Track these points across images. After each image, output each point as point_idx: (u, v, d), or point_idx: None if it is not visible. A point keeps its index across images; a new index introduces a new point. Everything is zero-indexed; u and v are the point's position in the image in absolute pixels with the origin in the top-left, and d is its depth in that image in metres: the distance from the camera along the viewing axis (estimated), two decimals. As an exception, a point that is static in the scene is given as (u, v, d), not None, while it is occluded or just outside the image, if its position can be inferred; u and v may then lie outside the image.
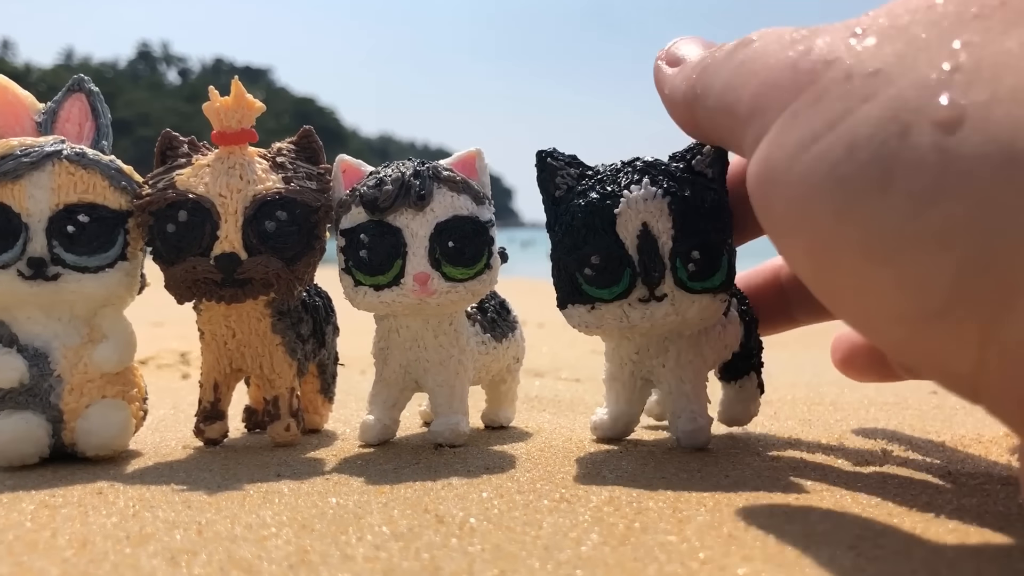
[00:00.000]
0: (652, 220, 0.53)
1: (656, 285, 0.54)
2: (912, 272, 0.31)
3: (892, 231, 0.32)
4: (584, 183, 0.56)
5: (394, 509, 0.45)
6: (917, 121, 0.31)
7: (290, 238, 0.59)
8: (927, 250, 0.31)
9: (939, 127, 0.31)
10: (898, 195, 0.31)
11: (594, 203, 0.54)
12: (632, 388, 0.62)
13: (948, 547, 0.37)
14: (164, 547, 0.39)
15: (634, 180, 0.54)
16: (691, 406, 0.59)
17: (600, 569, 0.35)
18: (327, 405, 0.72)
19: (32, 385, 0.57)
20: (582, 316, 0.57)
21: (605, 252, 0.54)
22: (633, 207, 0.53)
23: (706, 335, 0.60)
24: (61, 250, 0.57)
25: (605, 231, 0.54)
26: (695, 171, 0.55)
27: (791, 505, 0.45)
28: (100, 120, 0.63)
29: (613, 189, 0.54)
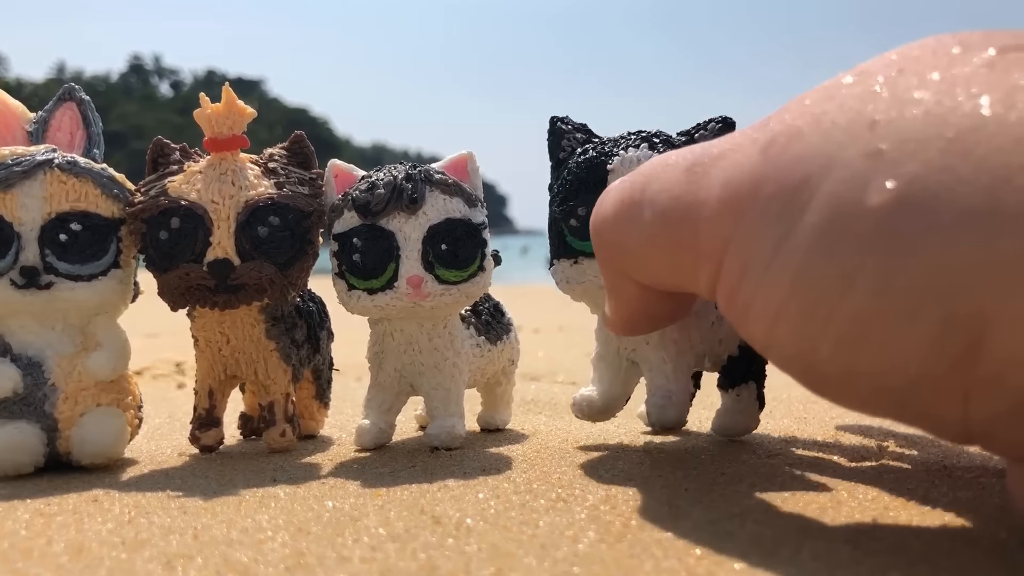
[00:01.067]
0: None
1: None
2: (888, 350, 0.31)
3: (861, 321, 0.32)
4: (587, 146, 0.58)
5: (390, 511, 0.45)
6: (857, 214, 0.31)
7: (283, 243, 0.59)
8: (896, 330, 0.31)
9: (879, 212, 0.31)
10: (858, 284, 0.31)
11: (590, 159, 0.56)
12: (617, 368, 0.60)
13: (944, 539, 0.38)
14: (160, 552, 0.39)
15: (633, 144, 0.56)
16: (667, 384, 0.57)
17: (597, 566, 0.35)
18: (323, 411, 0.72)
19: (26, 394, 0.57)
20: (565, 271, 0.57)
21: (592, 205, 0.53)
22: (626, 164, 0.54)
23: (697, 319, 0.59)
24: (54, 259, 0.57)
25: (596, 186, 0.54)
26: (691, 137, 0.56)
27: (787, 501, 0.45)
28: (91, 129, 0.63)
29: (611, 149, 0.56)
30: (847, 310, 0.32)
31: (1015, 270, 0.28)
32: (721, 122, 0.56)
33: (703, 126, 0.57)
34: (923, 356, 0.31)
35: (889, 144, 0.32)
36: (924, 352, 0.31)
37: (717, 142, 0.40)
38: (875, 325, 0.31)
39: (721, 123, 0.56)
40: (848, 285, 0.32)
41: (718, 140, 0.40)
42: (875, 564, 0.34)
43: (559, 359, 1.37)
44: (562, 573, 0.34)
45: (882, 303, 0.31)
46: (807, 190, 0.33)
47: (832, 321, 0.32)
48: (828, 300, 0.32)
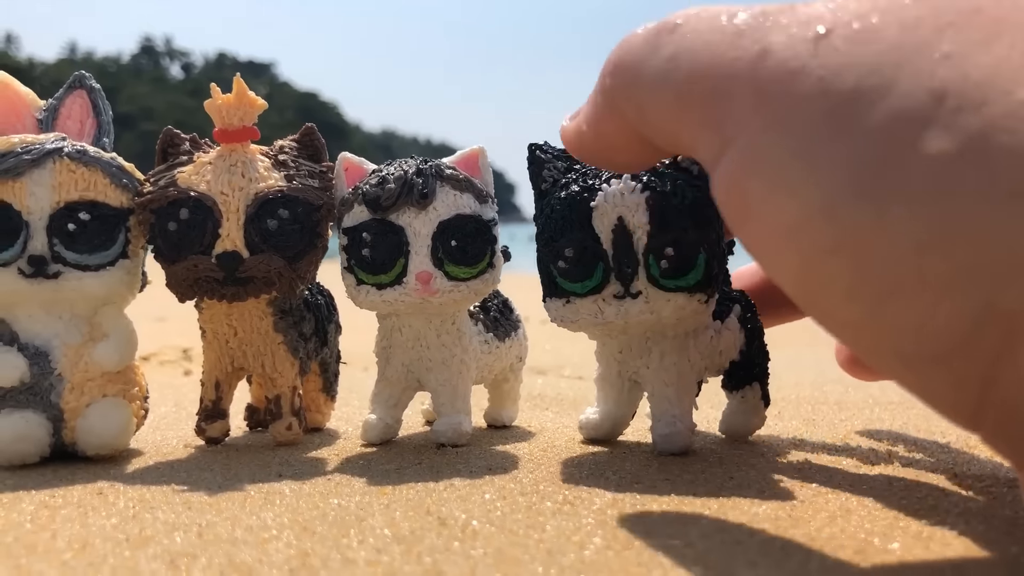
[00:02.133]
0: (628, 215, 0.52)
1: (629, 281, 0.53)
2: (907, 317, 0.29)
3: (888, 272, 0.29)
4: (568, 176, 0.56)
5: (396, 511, 0.44)
6: (907, 155, 0.28)
7: (292, 236, 0.59)
8: (925, 296, 0.28)
9: (933, 163, 0.27)
10: (894, 233, 0.28)
11: (573, 196, 0.54)
12: (620, 389, 0.61)
13: (954, 550, 0.37)
14: (164, 550, 0.38)
15: (615, 174, 0.53)
16: (672, 410, 0.57)
17: (604, 573, 0.35)
18: (329, 404, 0.72)
19: (32, 384, 0.57)
20: (558, 310, 0.56)
21: (579, 245, 0.53)
22: (610, 201, 0.52)
23: (695, 338, 0.58)
24: (62, 248, 0.57)
25: (581, 224, 0.53)
26: (680, 167, 0.54)
27: (796, 508, 0.44)
28: (101, 117, 0.62)
29: (594, 183, 0.54)
30: (870, 249, 0.29)
31: None
32: None
33: None
34: (948, 338, 0.28)
35: (955, 85, 0.28)
36: (950, 335, 0.28)
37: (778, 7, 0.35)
38: (905, 285, 0.29)
39: None
40: (880, 232, 0.29)
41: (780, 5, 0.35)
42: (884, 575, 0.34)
43: (566, 352, 1.36)
44: (568, 581, 0.34)
45: (916, 265, 0.28)
46: (855, 106, 0.30)
47: (852, 256, 0.30)
48: (855, 239, 0.29)
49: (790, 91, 0.32)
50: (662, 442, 0.57)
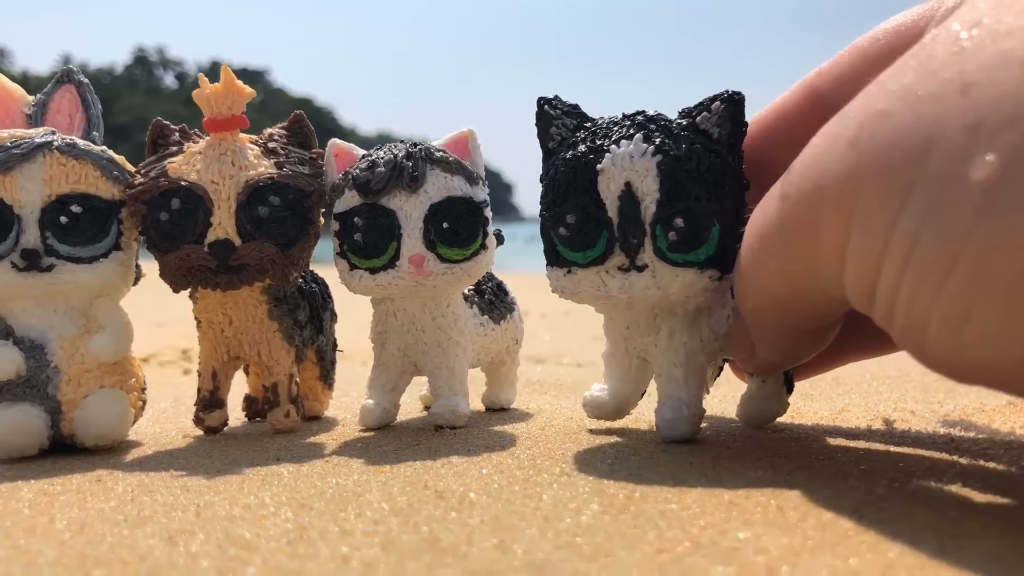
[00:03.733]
0: (637, 180, 0.48)
1: (635, 253, 0.49)
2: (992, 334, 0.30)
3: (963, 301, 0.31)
4: (578, 135, 0.52)
5: (394, 487, 0.45)
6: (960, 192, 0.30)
7: (284, 223, 0.59)
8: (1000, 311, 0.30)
9: (982, 188, 0.29)
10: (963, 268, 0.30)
11: (578, 157, 0.50)
12: (627, 366, 0.57)
13: (951, 507, 0.37)
14: (162, 528, 0.39)
15: (626, 135, 0.49)
16: (679, 393, 0.53)
17: (599, 536, 0.35)
18: (327, 392, 0.72)
19: (29, 376, 0.57)
20: (559, 280, 0.52)
21: (581, 211, 0.49)
22: (618, 164, 0.48)
23: (708, 317, 0.53)
24: (55, 241, 0.57)
25: (585, 188, 0.49)
26: (698, 129, 0.50)
27: (792, 474, 0.44)
28: (90, 111, 0.62)
29: (602, 143, 0.49)
30: (950, 291, 0.31)
31: None
32: (726, 99, 0.50)
33: (706, 106, 0.50)
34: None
35: (986, 111, 0.29)
36: None
37: (798, 159, 0.38)
38: (977, 308, 0.30)
39: (726, 100, 0.50)
40: (951, 265, 0.30)
41: (799, 158, 0.38)
42: (881, 533, 0.34)
43: (565, 342, 1.36)
44: (565, 544, 0.34)
45: (983, 285, 0.30)
46: (908, 172, 0.31)
47: (937, 302, 0.31)
48: (932, 280, 0.31)
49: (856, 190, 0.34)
50: (665, 427, 0.53)
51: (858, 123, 0.34)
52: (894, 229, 0.32)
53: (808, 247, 0.38)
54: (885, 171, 0.32)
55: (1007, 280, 0.29)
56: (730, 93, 0.50)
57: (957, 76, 0.31)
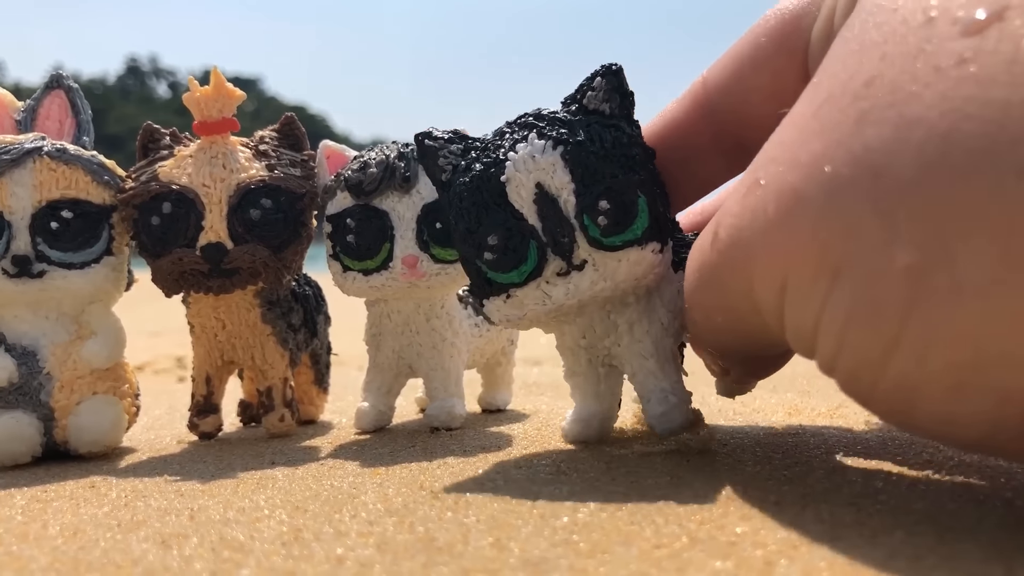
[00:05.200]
0: (546, 178, 0.45)
1: (569, 252, 0.46)
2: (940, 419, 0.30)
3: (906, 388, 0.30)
4: (468, 157, 0.49)
5: (389, 488, 0.44)
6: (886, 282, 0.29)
7: (276, 226, 0.58)
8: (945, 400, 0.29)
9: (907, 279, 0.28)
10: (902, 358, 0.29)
11: (479, 175, 0.47)
12: (595, 379, 0.53)
13: (949, 499, 0.37)
14: (155, 532, 0.38)
15: (519, 139, 0.47)
16: (660, 384, 0.49)
17: (596, 533, 0.35)
18: (322, 396, 0.72)
19: (21, 384, 0.57)
20: (501, 309, 0.48)
21: (502, 228, 0.46)
22: (522, 168, 0.46)
23: (659, 295, 0.50)
24: (45, 247, 0.57)
25: (497, 204, 0.46)
26: (589, 110, 0.48)
27: (790, 468, 0.44)
28: (80, 116, 0.62)
29: (497, 155, 0.47)
30: (891, 378, 0.30)
31: None
32: (605, 74, 0.48)
33: (588, 86, 0.48)
34: (977, 428, 0.29)
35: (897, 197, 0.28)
36: (978, 426, 0.29)
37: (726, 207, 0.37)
38: (923, 397, 0.30)
39: (606, 74, 0.48)
40: (889, 352, 0.29)
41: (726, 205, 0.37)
42: (879, 525, 0.34)
43: (561, 344, 1.36)
44: (561, 541, 0.34)
45: (926, 376, 0.29)
46: (831, 258, 0.31)
47: (879, 386, 0.31)
48: (870, 366, 0.31)
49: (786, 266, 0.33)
50: (660, 423, 0.49)
51: (776, 199, 0.33)
52: (824, 311, 0.31)
53: (743, 297, 0.37)
54: (808, 255, 0.31)
55: (951, 376, 0.28)
56: (606, 66, 0.48)
57: (865, 155, 0.30)
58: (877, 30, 0.32)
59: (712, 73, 0.46)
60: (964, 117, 0.27)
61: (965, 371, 0.28)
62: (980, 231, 0.27)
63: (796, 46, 0.41)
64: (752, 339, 0.41)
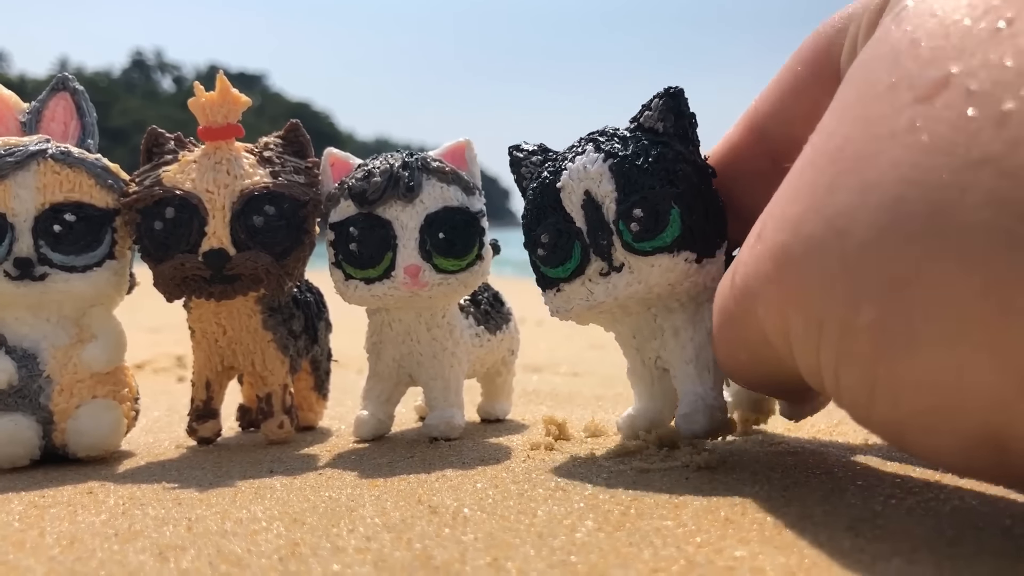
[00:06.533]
0: (594, 186, 0.51)
1: (608, 253, 0.51)
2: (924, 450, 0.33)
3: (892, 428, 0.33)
4: (543, 167, 0.54)
5: (387, 501, 0.44)
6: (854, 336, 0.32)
7: (279, 233, 0.58)
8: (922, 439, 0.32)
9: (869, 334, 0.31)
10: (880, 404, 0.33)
11: (542, 182, 0.53)
12: (649, 380, 0.56)
13: (948, 525, 0.37)
14: (153, 543, 0.38)
15: (579, 151, 0.52)
16: (694, 388, 0.52)
17: (594, 554, 0.35)
18: (321, 402, 0.72)
19: (21, 386, 0.57)
20: (552, 301, 0.55)
21: (552, 228, 0.52)
22: (575, 177, 0.51)
23: (709, 308, 0.51)
24: (48, 250, 0.57)
25: (553, 208, 0.52)
26: (644, 127, 0.53)
27: (789, 489, 0.44)
28: (85, 118, 0.62)
29: (561, 164, 0.53)
30: (878, 419, 0.33)
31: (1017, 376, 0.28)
32: (664, 95, 0.53)
33: (647, 105, 0.53)
34: (955, 461, 0.33)
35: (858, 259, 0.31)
36: (955, 459, 0.32)
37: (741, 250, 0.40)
38: (906, 435, 0.33)
39: (664, 96, 0.53)
40: (870, 398, 0.32)
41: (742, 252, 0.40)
42: (877, 551, 0.33)
43: (562, 351, 1.36)
44: (559, 562, 0.34)
45: (902, 418, 0.32)
46: (816, 311, 0.33)
47: (871, 423, 0.34)
48: (861, 408, 0.34)
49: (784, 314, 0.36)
50: (682, 423, 0.52)
51: (772, 255, 0.36)
52: (818, 358, 0.34)
53: (759, 338, 0.39)
54: (801, 306, 0.34)
55: (921, 418, 0.31)
56: (667, 88, 0.53)
57: (833, 218, 0.32)
58: (855, 91, 0.34)
59: (761, 99, 0.50)
60: (911, 184, 0.29)
61: (931, 416, 0.31)
62: (928, 291, 0.29)
63: (829, 74, 0.44)
64: (776, 375, 0.42)
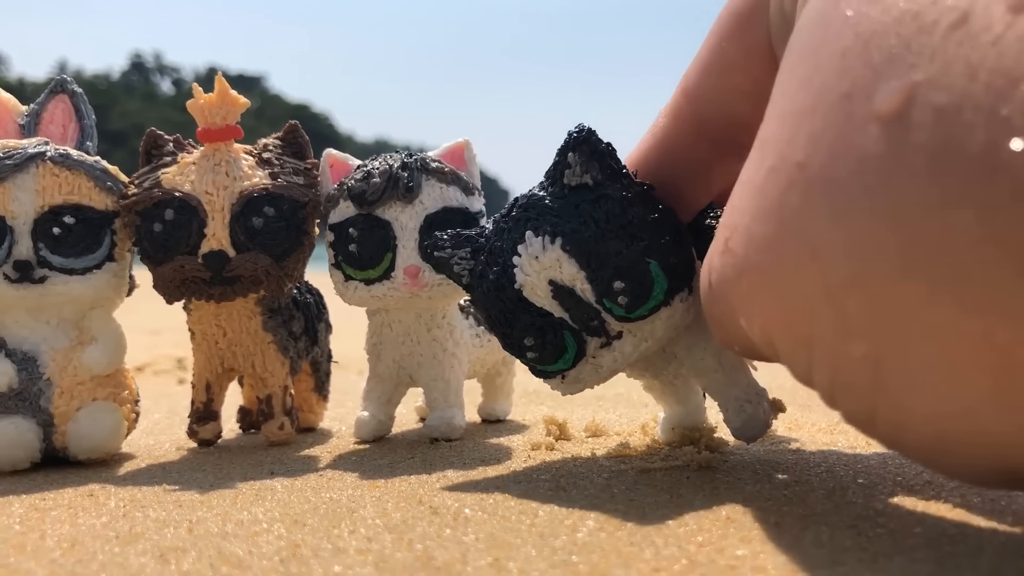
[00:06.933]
0: (555, 274, 0.45)
1: (603, 330, 0.46)
2: None
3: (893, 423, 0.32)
4: (479, 261, 0.49)
5: (388, 502, 0.44)
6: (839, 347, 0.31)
7: (278, 234, 0.58)
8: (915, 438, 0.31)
9: None
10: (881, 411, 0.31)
11: (493, 285, 0.47)
12: (672, 389, 0.55)
13: (949, 524, 0.37)
14: (153, 545, 0.38)
15: (517, 238, 0.46)
16: (733, 392, 0.50)
17: (596, 554, 0.34)
18: (321, 403, 0.72)
19: (21, 389, 0.57)
20: (560, 387, 0.50)
21: (533, 329, 0.47)
22: (531, 272, 0.46)
23: None
24: (47, 252, 0.57)
25: (522, 309, 0.47)
26: (573, 187, 0.46)
27: (790, 488, 0.44)
28: (84, 121, 0.62)
29: (504, 259, 0.47)
30: (880, 437, 0.33)
31: None
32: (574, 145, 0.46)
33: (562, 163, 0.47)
34: (964, 478, 0.33)
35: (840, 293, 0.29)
36: (962, 476, 0.32)
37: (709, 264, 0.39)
38: (910, 453, 0.33)
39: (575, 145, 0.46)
40: (871, 420, 0.31)
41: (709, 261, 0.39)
42: (879, 549, 0.33)
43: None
44: (560, 562, 0.34)
45: (907, 445, 0.32)
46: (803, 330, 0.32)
47: (872, 435, 0.33)
48: (861, 423, 0.33)
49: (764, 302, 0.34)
50: (743, 433, 0.50)
51: (747, 274, 0.34)
52: (811, 374, 0.33)
53: (743, 335, 0.38)
54: (785, 329, 0.33)
55: (924, 446, 0.31)
56: (573, 136, 0.47)
57: (809, 243, 0.30)
58: (804, 91, 0.31)
59: (688, 82, 0.45)
60: (889, 219, 0.27)
61: (934, 447, 0.30)
62: (924, 334, 0.27)
63: (756, 41, 0.41)
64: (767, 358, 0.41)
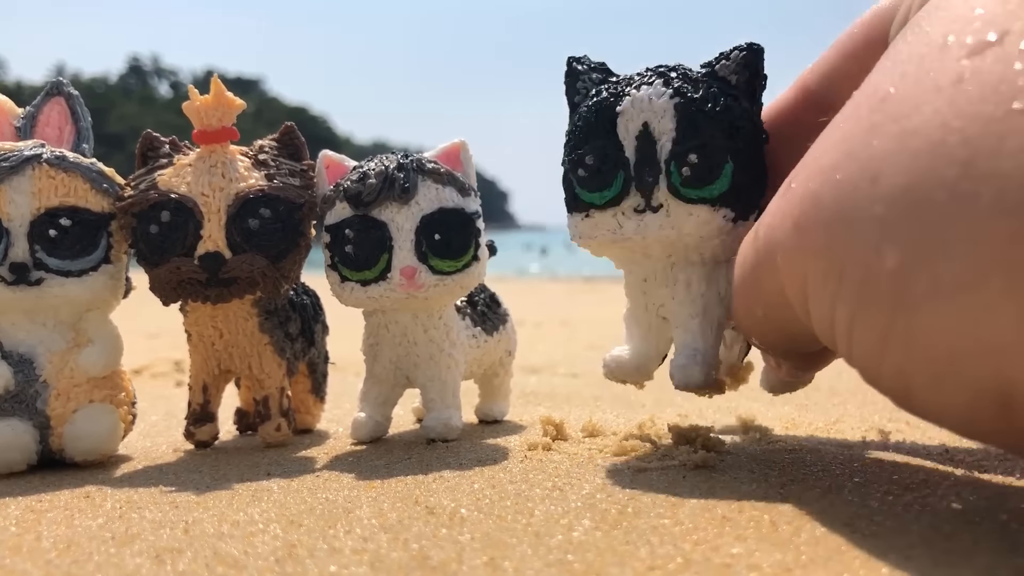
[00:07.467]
0: (654, 120, 0.49)
1: (650, 192, 0.49)
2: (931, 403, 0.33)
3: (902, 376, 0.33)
4: (601, 86, 0.52)
5: (384, 502, 0.44)
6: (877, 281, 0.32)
7: (274, 235, 0.58)
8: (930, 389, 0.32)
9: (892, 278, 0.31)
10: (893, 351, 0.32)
11: (600, 102, 0.51)
12: (647, 324, 0.55)
13: (944, 521, 0.37)
14: (149, 546, 0.38)
15: (646, 81, 0.50)
16: (694, 343, 0.51)
17: (591, 553, 0.35)
18: (318, 405, 0.72)
19: (18, 391, 0.57)
20: (577, 225, 0.52)
21: (600, 152, 0.50)
22: (636, 106, 0.49)
23: (726, 270, 0.52)
24: (44, 254, 0.57)
25: (605, 130, 0.50)
26: (717, 76, 0.51)
27: (786, 487, 0.44)
28: (80, 123, 0.62)
29: (623, 89, 0.50)
30: (888, 370, 0.33)
31: None
32: (745, 49, 0.51)
33: (725, 55, 0.51)
34: (959, 417, 0.32)
35: (890, 202, 0.31)
36: (960, 415, 0.32)
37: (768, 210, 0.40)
38: (914, 387, 0.32)
39: (744, 49, 0.51)
40: (883, 348, 0.32)
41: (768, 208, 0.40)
42: (874, 547, 0.34)
43: (560, 352, 1.36)
44: (556, 561, 0.34)
45: (913, 370, 0.32)
46: (837, 259, 0.34)
47: (881, 377, 0.34)
48: (873, 359, 0.34)
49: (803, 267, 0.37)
50: (678, 374, 0.51)
51: (799, 203, 0.36)
52: (835, 309, 0.34)
53: (777, 292, 0.39)
54: (821, 256, 0.35)
55: (932, 367, 0.31)
56: (749, 44, 0.52)
57: (868, 162, 0.33)
58: (907, 49, 0.35)
59: (816, 63, 0.50)
60: (952, 131, 0.30)
61: (941, 365, 0.31)
62: (956, 235, 0.29)
63: (878, 37, 0.44)
64: (789, 332, 0.42)
